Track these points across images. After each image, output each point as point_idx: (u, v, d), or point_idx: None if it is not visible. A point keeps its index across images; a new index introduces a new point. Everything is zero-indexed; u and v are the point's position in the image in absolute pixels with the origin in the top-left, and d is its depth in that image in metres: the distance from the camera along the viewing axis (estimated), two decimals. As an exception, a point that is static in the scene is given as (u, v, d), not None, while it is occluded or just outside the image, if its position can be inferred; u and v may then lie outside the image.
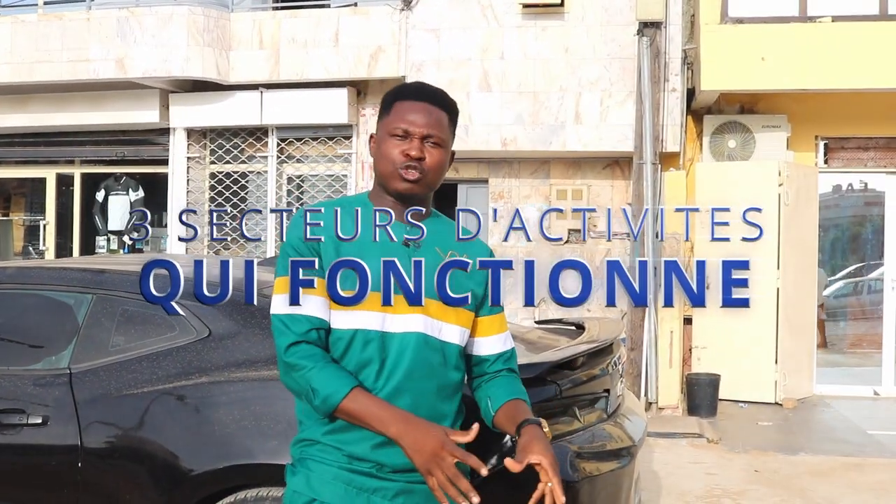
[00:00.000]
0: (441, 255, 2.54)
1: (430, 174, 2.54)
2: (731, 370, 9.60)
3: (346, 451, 2.45)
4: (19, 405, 3.81)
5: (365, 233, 2.48)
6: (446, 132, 2.56)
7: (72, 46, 11.14)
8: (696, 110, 10.29)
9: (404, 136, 2.50)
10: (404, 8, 10.48)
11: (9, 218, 13.50)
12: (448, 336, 2.53)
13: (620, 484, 3.72)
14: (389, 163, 2.51)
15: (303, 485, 2.48)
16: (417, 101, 2.54)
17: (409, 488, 2.46)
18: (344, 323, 2.45)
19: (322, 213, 2.51)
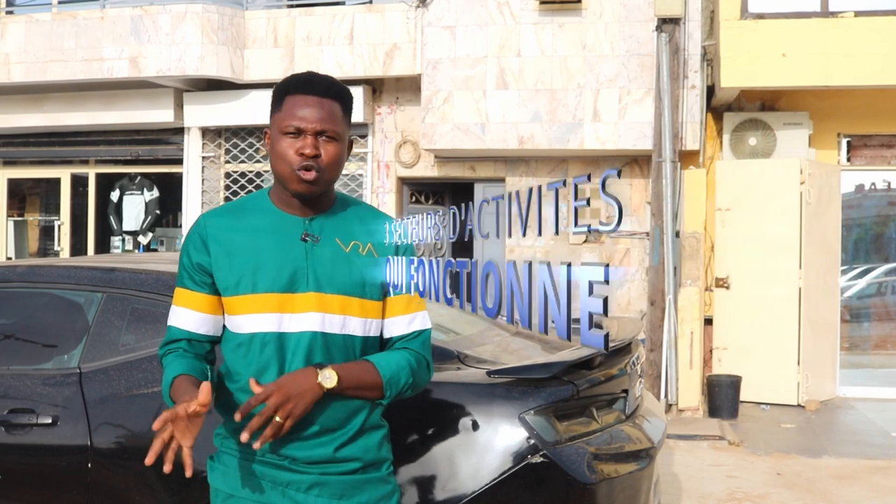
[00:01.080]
0: (342, 247, 2.53)
1: (327, 171, 2.49)
2: (753, 371, 9.49)
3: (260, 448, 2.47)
4: (29, 405, 3.77)
5: (262, 234, 2.51)
6: (340, 124, 2.51)
7: (86, 45, 11.14)
8: (716, 107, 10.18)
9: (297, 134, 2.46)
10: (420, 5, 10.41)
11: (24, 218, 13.52)
12: (353, 329, 2.52)
13: (639, 486, 3.65)
14: (285, 163, 2.47)
15: (220, 481, 2.56)
16: (307, 95, 2.48)
17: (322, 480, 2.49)
18: (243, 327, 2.49)
19: (218, 219, 2.56)
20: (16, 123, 12.18)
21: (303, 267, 2.47)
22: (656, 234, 9.40)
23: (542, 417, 3.38)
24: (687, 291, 9.40)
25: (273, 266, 2.46)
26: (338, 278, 2.49)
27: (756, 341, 9.59)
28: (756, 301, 9.61)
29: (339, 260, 2.51)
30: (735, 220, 9.72)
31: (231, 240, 2.50)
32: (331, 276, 2.48)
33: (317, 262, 2.49)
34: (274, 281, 2.45)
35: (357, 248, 2.53)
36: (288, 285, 2.46)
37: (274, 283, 2.45)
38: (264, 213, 2.55)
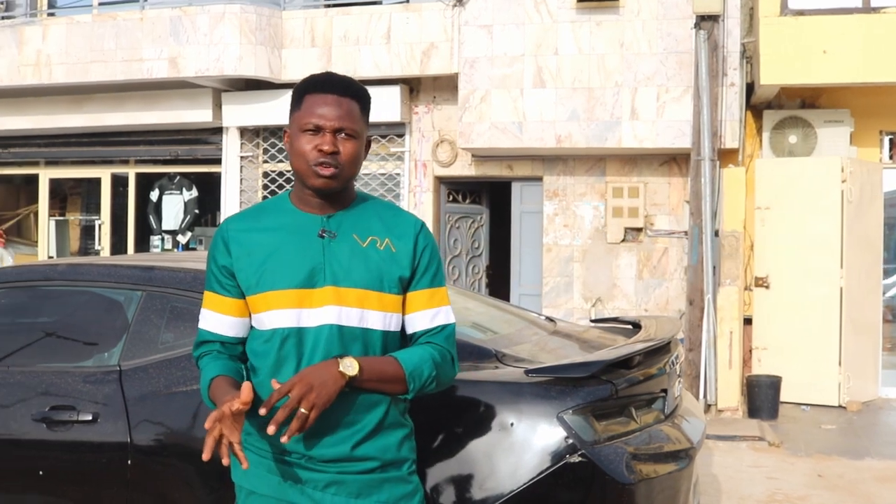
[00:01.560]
0: (359, 242, 2.57)
1: (346, 167, 2.54)
2: (793, 372, 9.40)
3: (276, 445, 2.52)
4: (70, 402, 3.81)
5: (281, 233, 2.57)
6: (359, 122, 2.56)
7: (126, 46, 11.24)
8: (755, 105, 10.09)
9: (316, 131, 2.51)
10: (457, 4, 10.41)
11: (65, 218, 13.67)
12: (371, 323, 2.54)
13: (678, 487, 3.62)
14: (304, 160, 2.52)
15: (241, 478, 2.61)
16: (326, 94, 2.54)
17: (339, 479, 2.51)
18: (262, 324, 2.55)
19: (238, 223, 2.64)
20: (57, 124, 12.32)
21: (320, 262, 2.51)
22: (695, 233, 9.33)
23: (581, 417, 3.36)
24: (726, 291, 9.32)
25: (291, 263, 2.51)
26: (354, 272, 2.51)
27: (796, 341, 9.49)
28: (796, 300, 9.52)
29: (356, 254, 2.54)
30: (775, 219, 9.63)
31: (250, 240, 2.56)
32: (347, 270, 2.51)
33: (333, 257, 2.52)
34: (292, 277, 2.50)
35: (375, 242, 2.57)
36: (306, 281, 2.50)
37: (292, 279, 2.50)
38: (283, 213, 2.61)
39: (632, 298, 10.45)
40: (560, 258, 10.66)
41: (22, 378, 3.95)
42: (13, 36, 11.79)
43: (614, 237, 10.48)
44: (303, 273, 2.50)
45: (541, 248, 10.78)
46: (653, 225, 10.44)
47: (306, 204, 2.60)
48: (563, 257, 10.65)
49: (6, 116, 12.55)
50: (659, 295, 10.40)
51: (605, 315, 10.08)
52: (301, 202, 2.61)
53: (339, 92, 2.54)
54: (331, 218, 2.58)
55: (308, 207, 2.59)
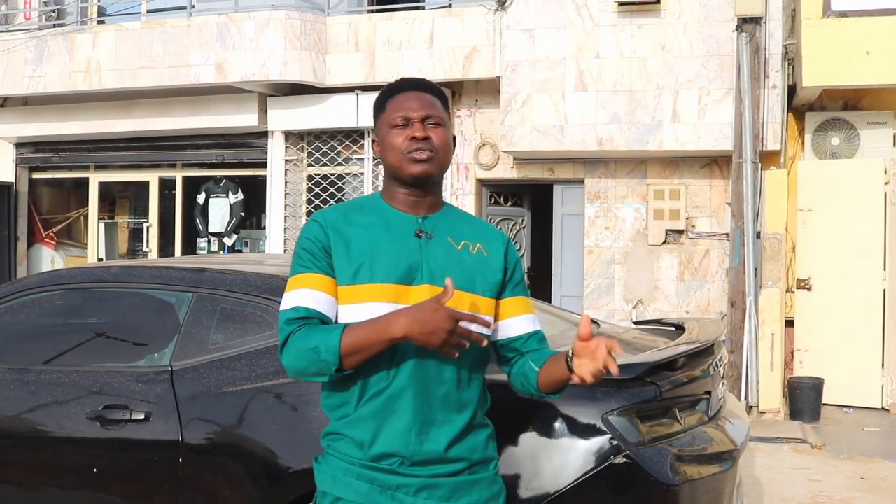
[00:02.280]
0: (454, 245, 2.58)
1: (440, 151, 2.56)
2: (835, 374, 9.35)
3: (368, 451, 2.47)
4: (123, 401, 3.90)
5: (377, 229, 2.55)
6: (443, 112, 2.61)
7: (173, 52, 11.40)
8: (797, 107, 10.04)
9: (405, 124, 2.55)
10: (498, 8, 10.45)
11: (114, 220, 13.87)
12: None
13: (722, 488, 3.65)
14: (397, 152, 2.55)
15: (329, 484, 2.52)
16: (408, 91, 2.61)
17: (432, 483, 2.47)
18: (356, 316, 2.47)
19: (334, 213, 2.60)
20: (107, 129, 12.50)
21: (418, 260, 2.50)
22: (737, 236, 9.31)
23: (625, 418, 3.41)
24: (768, 293, 9.30)
25: (390, 258, 2.49)
26: (449, 273, 2.49)
27: (839, 343, 9.44)
28: (839, 303, 9.47)
29: (451, 256, 2.54)
30: (817, 221, 9.59)
31: (347, 232, 2.53)
32: (443, 272, 2.49)
33: (430, 258, 2.52)
34: (391, 272, 2.48)
35: (467, 246, 2.59)
36: (404, 277, 2.48)
37: (391, 273, 2.47)
38: (377, 211, 2.60)
39: (673, 300, 10.45)
40: (601, 260, 10.68)
41: (76, 377, 4.04)
42: (65, 43, 12.01)
43: (655, 239, 10.48)
44: (401, 269, 2.49)
45: (582, 251, 10.80)
46: (694, 227, 10.42)
47: (400, 203, 2.60)
48: (604, 259, 10.66)
49: (58, 122, 12.76)
50: (700, 297, 10.39)
51: (646, 317, 10.08)
52: (394, 201, 2.61)
53: (419, 88, 2.62)
54: (425, 219, 2.59)
55: (402, 207, 2.60)
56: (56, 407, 4.00)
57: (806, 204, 9.65)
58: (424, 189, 2.59)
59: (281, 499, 3.61)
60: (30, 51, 12.21)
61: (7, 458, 4.05)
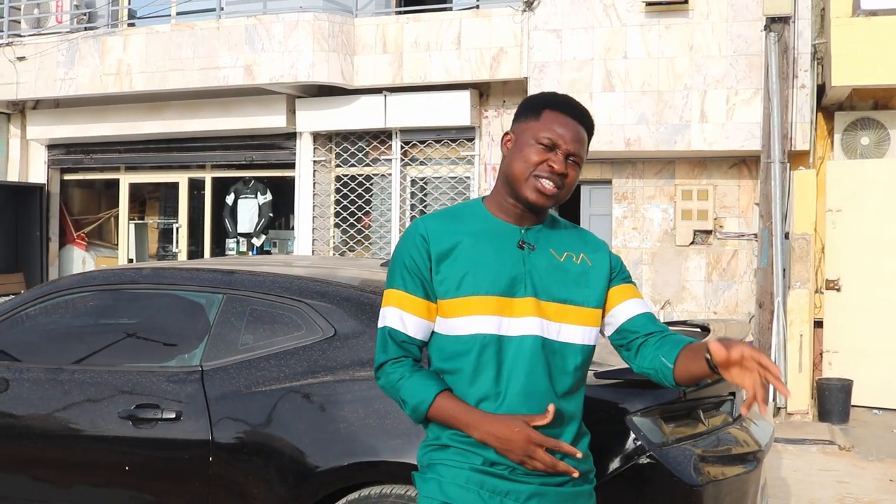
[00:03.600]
0: (556, 256, 2.54)
1: (565, 191, 2.52)
2: (865, 375, 9.30)
3: (481, 454, 2.44)
4: (154, 400, 3.96)
5: (479, 239, 2.51)
6: (585, 152, 2.55)
7: (202, 55, 11.49)
8: (826, 107, 9.99)
9: (550, 148, 2.48)
10: (526, 9, 10.47)
11: (144, 221, 14.00)
12: (568, 337, 2.50)
13: (746, 489, 3.66)
14: (528, 167, 2.48)
15: (435, 490, 2.48)
16: (568, 116, 2.52)
17: (541, 491, 2.45)
18: (460, 329, 2.46)
19: (437, 222, 2.55)
20: (137, 130, 12.61)
21: (521, 273, 2.47)
22: (765, 236, 9.28)
23: (649, 419, 3.42)
24: (796, 294, 9.26)
25: (493, 270, 2.46)
26: (552, 286, 2.49)
27: (868, 345, 9.39)
28: (868, 304, 9.42)
29: (554, 268, 2.52)
30: (846, 222, 9.55)
31: (449, 243, 2.49)
32: (546, 284, 2.48)
33: (533, 270, 2.49)
34: (494, 284, 2.44)
35: (570, 257, 2.55)
36: (507, 289, 2.45)
37: (494, 286, 2.44)
38: (480, 219, 2.56)
39: (701, 301, 10.42)
40: (629, 261, 10.67)
41: (109, 377, 4.10)
42: (95, 46, 12.14)
43: (683, 240, 10.47)
44: (504, 281, 2.45)
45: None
46: (722, 227, 10.40)
47: (504, 213, 2.56)
48: (632, 260, 10.65)
49: (88, 124, 12.89)
50: (728, 297, 10.36)
51: (673, 318, 10.06)
52: (500, 210, 2.57)
53: (578, 118, 2.54)
54: (528, 231, 2.54)
55: (505, 217, 2.56)
56: (89, 406, 4.07)
57: (835, 204, 9.60)
58: (533, 211, 2.55)
59: (309, 497, 3.65)
60: (61, 54, 12.35)
61: (42, 456, 4.12)
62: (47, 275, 13.56)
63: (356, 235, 11.88)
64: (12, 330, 4.46)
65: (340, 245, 11.89)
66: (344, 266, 5.02)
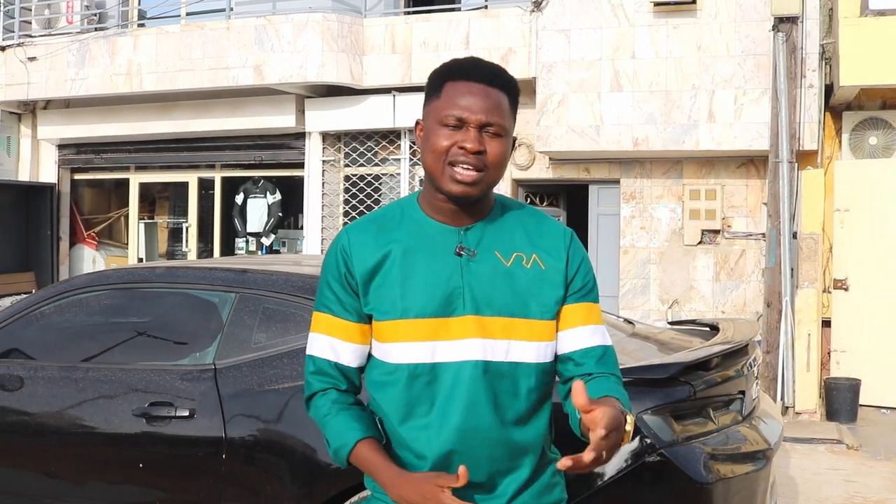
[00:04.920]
0: (502, 261, 2.16)
1: (492, 170, 2.11)
2: (873, 375, 9.31)
3: None
4: (168, 398, 4.00)
5: (409, 250, 2.16)
6: (508, 118, 2.13)
7: (212, 55, 11.54)
8: (834, 107, 10.00)
9: (458, 126, 2.08)
10: (534, 9, 10.50)
11: (154, 221, 14.05)
12: (519, 355, 2.13)
13: (755, 487, 3.69)
14: (439, 157, 2.09)
15: None
16: (472, 82, 2.11)
17: None
18: (390, 356, 2.14)
19: (360, 232, 2.20)
20: (147, 130, 12.66)
21: (458, 287, 2.11)
22: (773, 236, 9.30)
23: (659, 417, 3.46)
24: (804, 293, 9.27)
25: (425, 286, 2.11)
26: (497, 298, 2.12)
27: (876, 344, 9.40)
28: (876, 303, 9.43)
29: (499, 276, 2.13)
30: (854, 221, 9.56)
31: (375, 259, 2.15)
32: (489, 296, 2.11)
33: (473, 281, 2.12)
34: (426, 305, 2.10)
35: (520, 260, 2.16)
36: (442, 308, 2.10)
37: (425, 307, 2.10)
38: (412, 223, 2.19)
39: (709, 300, 10.44)
40: (637, 260, 10.69)
41: (123, 375, 4.15)
42: (106, 46, 12.19)
43: (691, 239, 10.48)
44: (438, 299, 2.11)
45: (618, 251, 10.82)
46: (730, 227, 10.41)
47: (438, 212, 2.17)
48: (639, 259, 10.67)
49: (99, 124, 12.94)
50: (736, 297, 10.37)
51: (681, 317, 10.08)
52: (432, 209, 2.18)
53: (486, 81, 2.11)
54: (468, 231, 2.17)
55: (441, 216, 2.17)
56: (103, 403, 4.11)
57: (843, 204, 9.61)
58: (465, 205, 2.17)
59: (321, 494, 3.69)
60: (72, 54, 12.41)
61: (56, 453, 4.17)
62: (58, 274, 13.62)
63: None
64: (27, 328, 4.51)
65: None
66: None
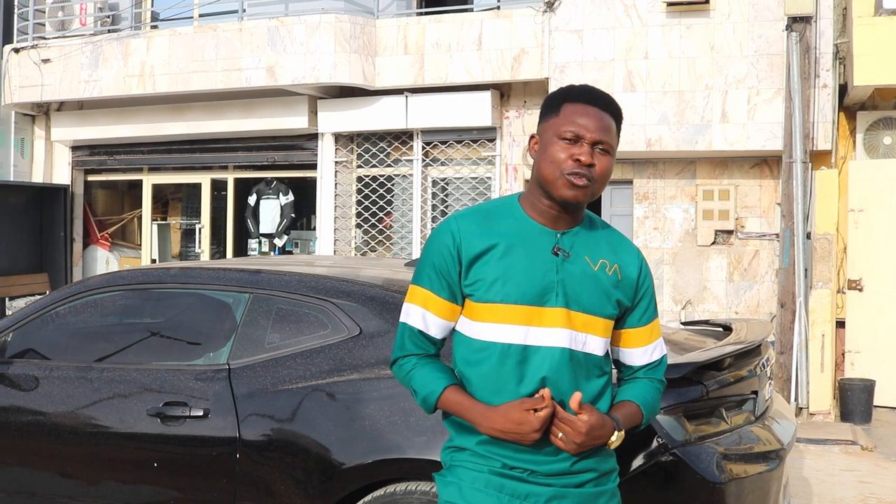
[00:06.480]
0: (591, 265, 2.48)
1: (598, 182, 2.45)
2: (887, 375, 9.28)
3: (500, 458, 2.44)
4: (182, 398, 4.02)
5: (513, 243, 2.46)
6: (615, 139, 2.49)
7: (225, 56, 11.57)
8: (848, 106, 9.97)
9: (574, 141, 2.42)
10: (547, 10, 10.49)
11: (167, 222, 14.09)
12: (592, 348, 2.47)
13: (768, 487, 3.68)
14: (556, 167, 2.42)
15: (455, 495, 2.47)
16: (588, 105, 2.46)
17: (561, 493, 2.45)
18: (484, 335, 2.45)
19: (469, 221, 2.50)
20: (160, 132, 12.70)
21: (553, 281, 2.42)
22: (786, 236, 9.27)
23: (672, 417, 3.45)
24: (818, 294, 9.25)
25: (524, 277, 2.41)
26: (584, 296, 2.44)
27: (891, 345, 9.37)
28: (891, 303, 9.40)
29: (588, 278, 2.46)
30: (869, 221, 9.52)
31: (482, 245, 2.45)
32: (578, 294, 2.43)
33: (567, 278, 2.43)
34: (524, 293, 2.40)
35: (605, 266, 2.49)
36: (537, 298, 2.41)
37: (524, 294, 2.40)
38: (515, 220, 2.50)
39: (722, 301, 10.42)
40: (650, 261, 10.67)
41: (138, 375, 4.16)
42: (119, 48, 12.24)
43: (704, 240, 10.46)
44: (535, 289, 2.41)
45: (631, 251, 10.78)
46: (744, 227, 10.39)
47: (540, 214, 2.49)
48: (653, 260, 10.65)
49: (112, 125, 12.99)
50: (750, 297, 10.35)
51: (695, 317, 10.07)
52: (535, 212, 2.50)
53: (600, 105, 2.46)
54: (564, 235, 2.48)
55: (541, 219, 2.49)
56: (118, 403, 4.13)
57: (857, 204, 9.58)
58: (568, 210, 2.48)
59: (335, 494, 3.69)
60: (85, 56, 12.46)
61: (71, 452, 4.18)
62: (71, 275, 13.67)
63: (378, 236, 11.93)
64: (42, 329, 4.54)
65: (362, 245, 11.94)
66: (367, 266, 5.06)
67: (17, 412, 4.29)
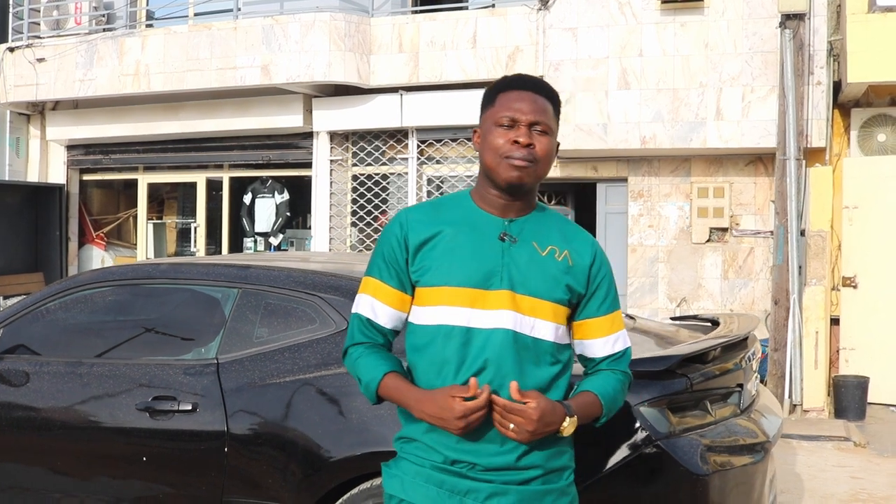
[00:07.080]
0: (538, 250, 2.51)
1: (542, 163, 2.50)
2: (882, 372, 9.28)
3: (442, 452, 2.46)
4: (171, 393, 4.03)
5: (460, 230, 2.52)
6: (552, 120, 2.53)
7: (220, 55, 11.57)
8: (842, 104, 9.98)
9: (511, 125, 2.48)
10: (541, 7, 10.50)
11: (162, 221, 14.10)
12: (541, 333, 2.48)
13: (753, 480, 3.68)
14: (496, 152, 2.49)
15: (397, 488, 2.52)
16: (522, 91, 2.52)
17: (502, 489, 2.45)
18: (430, 319, 2.49)
19: (418, 211, 2.59)
20: (155, 131, 12.71)
21: (498, 265, 2.46)
22: (780, 233, 9.29)
23: (656, 409, 3.46)
24: (812, 291, 9.26)
25: (469, 261, 2.46)
26: (531, 280, 2.47)
27: (885, 342, 9.37)
28: (885, 300, 9.40)
29: (535, 263, 2.49)
30: (863, 218, 9.54)
31: (429, 232, 2.51)
32: (525, 277, 2.46)
33: (512, 263, 2.47)
34: (468, 276, 2.45)
35: (553, 252, 2.52)
36: (482, 282, 2.45)
37: (468, 277, 2.45)
38: (464, 209, 2.57)
39: (717, 298, 10.43)
40: (645, 258, 10.69)
41: (127, 370, 4.18)
42: (114, 47, 12.24)
43: (699, 237, 10.47)
44: (480, 273, 2.45)
45: (626, 249, 10.81)
46: (738, 225, 10.40)
47: (488, 204, 2.55)
48: (648, 258, 10.67)
49: (107, 124, 13.01)
50: (744, 295, 10.36)
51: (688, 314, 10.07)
52: (483, 202, 2.57)
53: (533, 89, 2.53)
54: (512, 222, 2.53)
55: (489, 208, 2.55)
56: (107, 398, 4.14)
57: (852, 201, 9.59)
58: (515, 195, 2.53)
59: (322, 487, 3.71)
60: (80, 55, 12.47)
61: (61, 448, 4.19)
62: (66, 274, 13.67)
63: (373, 234, 11.94)
64: (32, 324, 4.55)
65: (357, 244, 11.95)
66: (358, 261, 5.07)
67: (7, 408, 4.30)
